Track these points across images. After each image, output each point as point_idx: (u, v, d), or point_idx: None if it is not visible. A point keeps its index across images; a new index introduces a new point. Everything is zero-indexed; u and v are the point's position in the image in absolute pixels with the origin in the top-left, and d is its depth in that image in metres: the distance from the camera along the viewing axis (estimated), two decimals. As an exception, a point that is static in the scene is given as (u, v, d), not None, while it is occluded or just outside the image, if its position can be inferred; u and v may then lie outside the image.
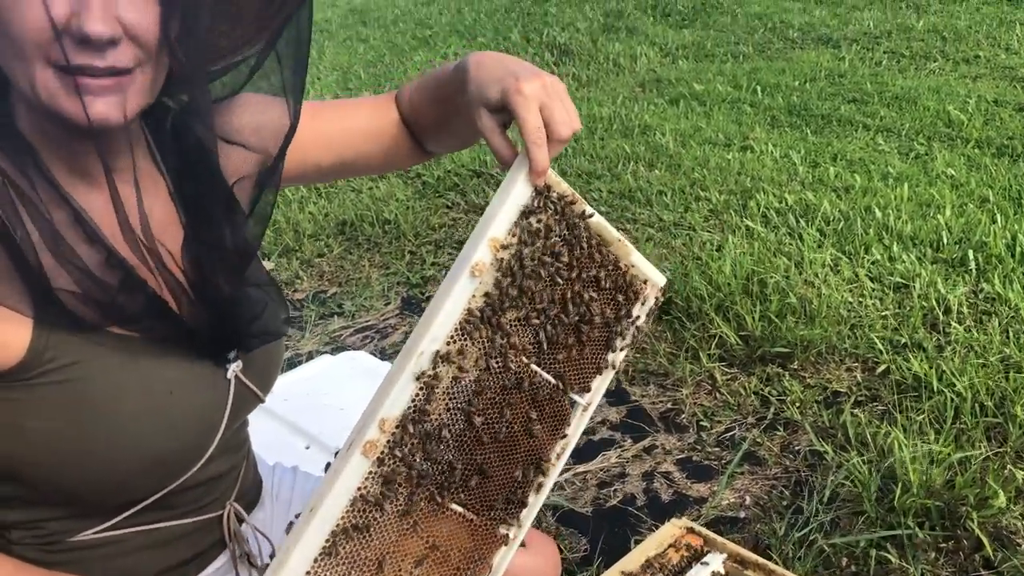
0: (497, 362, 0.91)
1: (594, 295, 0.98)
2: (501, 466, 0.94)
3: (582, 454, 2.26)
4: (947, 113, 4.09)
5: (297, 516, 0.85)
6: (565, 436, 1.02)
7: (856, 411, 2.27)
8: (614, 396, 2.48)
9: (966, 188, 3.34)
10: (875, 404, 2.32)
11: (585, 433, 1.56)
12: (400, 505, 0.87)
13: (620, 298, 1.02)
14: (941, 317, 2.56)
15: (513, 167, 0.90)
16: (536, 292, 0.92)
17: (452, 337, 0.87)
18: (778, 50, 5.64)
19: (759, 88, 4.82)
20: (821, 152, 3.86)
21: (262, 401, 1.01)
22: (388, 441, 0.85)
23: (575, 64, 5.91)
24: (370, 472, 0.85)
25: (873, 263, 2.88)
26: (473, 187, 4.02)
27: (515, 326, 0.92)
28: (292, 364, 2.67)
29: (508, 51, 6.45)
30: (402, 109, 1.11)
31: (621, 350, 1.04)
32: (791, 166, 3.72)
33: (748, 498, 2.09)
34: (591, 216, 0.96)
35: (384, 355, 2.86)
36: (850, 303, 2.66)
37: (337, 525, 0.84)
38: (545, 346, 0.94)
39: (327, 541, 0.83)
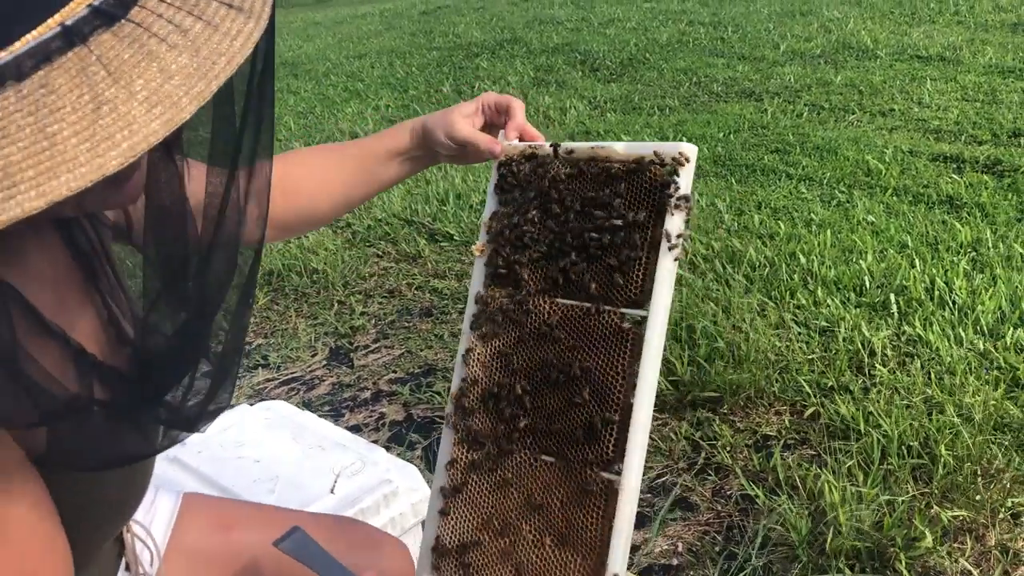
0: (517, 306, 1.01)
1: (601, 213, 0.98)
2: (563, 406, 0.96)
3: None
4: (866, 163, 4.21)
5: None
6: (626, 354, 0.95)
7: (786, 454, 2.27)
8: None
9: (886, 234, 3.42)
10: (804, 447, 2.32)
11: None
12: (488, 464, 0.99)
13: (637, 193, 0.97)
14: (866, 360, 2.60)
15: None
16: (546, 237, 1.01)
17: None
18: (703, 103, 5.78)
19: (685, 139, 4.91)
20: (746, 200, 3.93)
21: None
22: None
23: (506, 116, 5.96)
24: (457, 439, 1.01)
25: (799, 307, 2.92)
26: (404, 236, 3.99)
27: (532, 272, 1.02)
28: (213, 418, 2.58)
29: (440, 104, 6.48)
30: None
31: (676, 237, 0.94)
32: (717, 214, 3.78)
33: (681, 545, 2.06)
34: (561, 151, 1.03)
35: (310, 407, 2.77)
36: (777, 347, 2.68)
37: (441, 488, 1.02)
38: (570, 277, 0.99)
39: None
